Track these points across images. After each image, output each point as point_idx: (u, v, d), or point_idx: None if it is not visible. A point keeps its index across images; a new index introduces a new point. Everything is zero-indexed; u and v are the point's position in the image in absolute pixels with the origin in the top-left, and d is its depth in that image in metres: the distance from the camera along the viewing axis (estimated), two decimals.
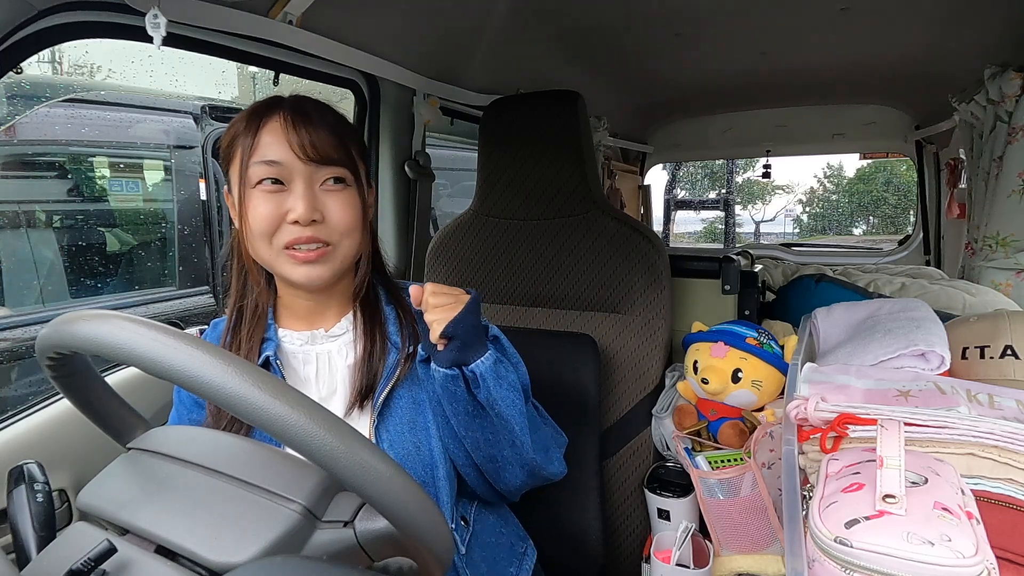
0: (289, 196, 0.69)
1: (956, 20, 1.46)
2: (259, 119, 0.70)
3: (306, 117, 0.70)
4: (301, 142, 0.68)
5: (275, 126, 0.69)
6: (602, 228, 1.18)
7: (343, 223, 0.71)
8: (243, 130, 0.70)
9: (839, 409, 0.60)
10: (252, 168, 0.69)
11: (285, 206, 0.69)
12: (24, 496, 0.52)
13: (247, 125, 0.70)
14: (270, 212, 0.68)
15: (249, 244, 0.72)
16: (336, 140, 0.71)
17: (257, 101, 0.73)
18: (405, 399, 0.75)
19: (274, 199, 0.69)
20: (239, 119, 0.72)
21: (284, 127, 0.69)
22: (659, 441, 1.12)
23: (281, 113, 0.70)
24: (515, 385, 0.71)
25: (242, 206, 0.70)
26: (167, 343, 0.39)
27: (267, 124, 0.69)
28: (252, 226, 0.69)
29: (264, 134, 0.69)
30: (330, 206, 0.70)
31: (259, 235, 0.69)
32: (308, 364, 0.76)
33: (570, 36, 1.61)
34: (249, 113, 0.71)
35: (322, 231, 0.70)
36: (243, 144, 0.70)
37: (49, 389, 1.03)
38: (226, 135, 0.72)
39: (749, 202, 17.96)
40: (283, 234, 0.69)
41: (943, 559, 0.43)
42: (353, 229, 0.73)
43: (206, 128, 2.70)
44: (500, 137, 1.26)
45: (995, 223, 1.45)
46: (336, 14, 1.09)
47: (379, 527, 0.45)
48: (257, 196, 0.69)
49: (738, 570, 0.91)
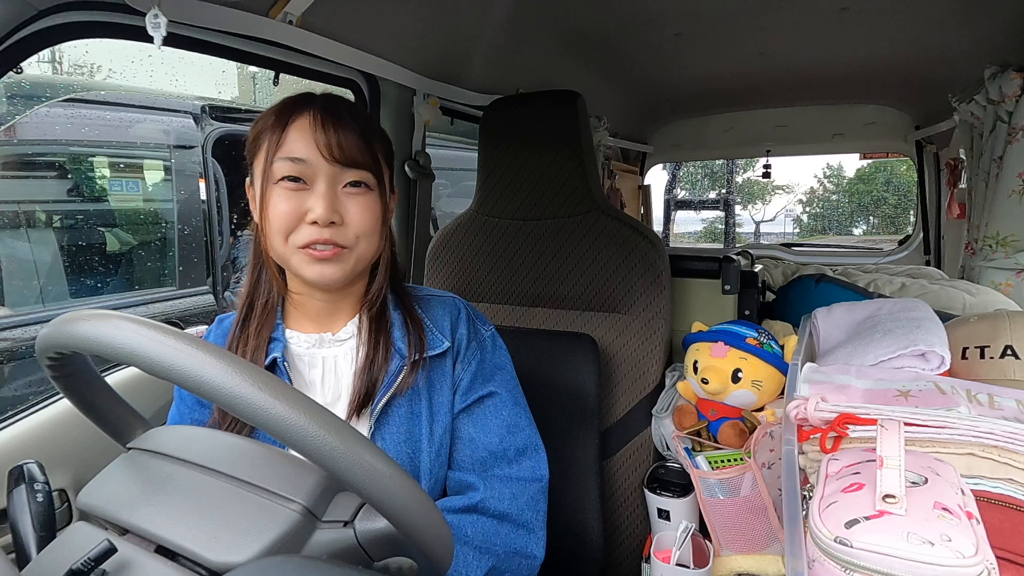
0: (310, 196, 0.68)
1: (956, 20, 1.46)
2: (288, 115, 0.69)
3: (336, 117, 0.69)
4: (328, 142, 0.68)
5: (304, 124, 0.69)
6: (602, 228, 1.18)
7: (361, 227, 0.71)
8: (271, 124, 0.70)
9: (839, 409, 0.60)
10: (276, 163, 0.68)
11: (305, 205, 0.68)
12: (24, 496, 0.52)
13: (276, 120, 0.70)
14: (290, 210, 0.68)
15: (266, 239, 0.71)
16: (363, 143, 0.70)
17: (288, 96, 0.73)
18: (403, 408, 0.74)
19: (295, 197, 0.68)
20: (268, 113, 0.71)
21: (313, 125, 0.68)
22: (659, 441, 1.12)
23: (312, 111, 0.69)
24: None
25: (263, 200, 0.70)
26: (167, 343, 0.39)
27: (296, 121, 0.69)
28: (271, 222, 0.69)
29: (292, 131, 0.69)
30: (350, 209, 0.70)
31: (277, 231, 0.69)
32: (314, 368, 0.76)
33: (570, 36, 1.61)
34: (279, 108, 0.71)
35: (339, 234, 0.69)
36: (270, 139, 0.69)
37: (49, 389, 1.03)
38: (254, 128, 0.72)
39: (749, 202, 17.98)
40: (301, 233, 0.69)
41: (943, 559, 0.43)
42: (371, 233, 0.72)
43: (206, 128, 2.70)
44: (500, 137, 1.26)
45: (995, 223, 1.45)
46: (336, 14, 1.09)
47: (379, 527, 0.45)
48: (278, 192, 0.69)
49: (738, 570, 0.91)
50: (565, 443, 1.07)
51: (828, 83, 2.21)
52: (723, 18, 1.51)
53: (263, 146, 0.70)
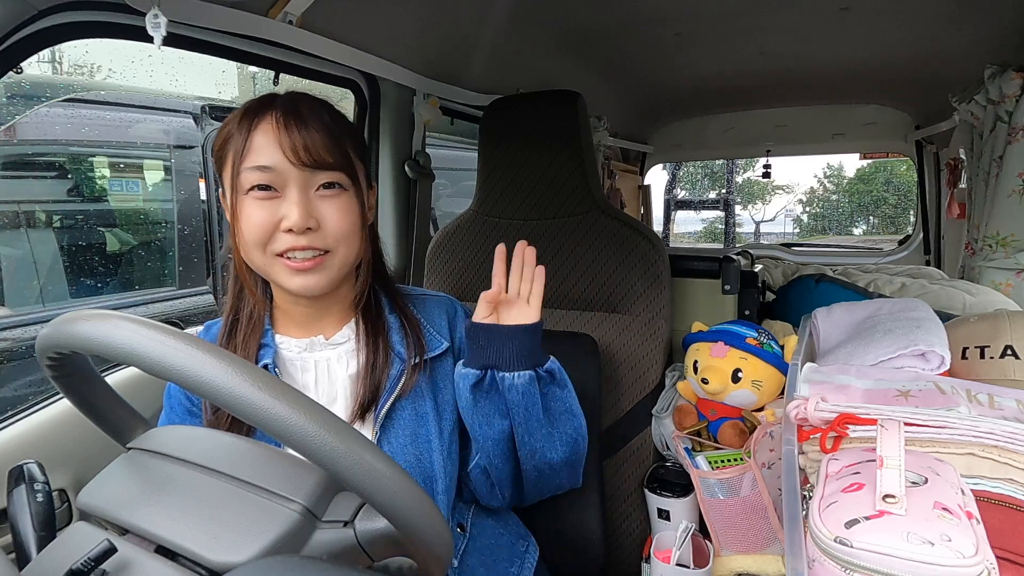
0: (283, 203, 0.66)
1: (956, 20, 1.46)
2: (251, 120, 0.66)
3: (299, 117, 0.66)
4: (294, 145, 0.65)
5: (267, 127, 0.66)
6: (602, 228, 1.18)
7: (340, 230, 0.68)
8: (235, 131, 0.67)
9: (839, 409, 0.60)
10: (244, 173, 0.66)
11: (279, 213, 0.66)
12: (24, 496, 0.52)
13: (239, 126, 0.67)
14: (263, 220, 0.66)
15: (243, 251, 0.69)
16: (331, 142, 0.67)
17: (251, 99, 0.70)
18: (408, 411, 0.74)
19: (267, 206, 0.66)
20: (231, 119, 0.68)
21: (276, 128, 0.65)
22: (659, 441, 1.12)
23: (273, 113, 0.66)
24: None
25: (234, 212, 0.68)
26: (167, 343, 0.39)
27: (259, 125, 0.66)
28: (245, 234, 0.67)
29: (256, 136, 0.66)
30: (326, 212, 0.67)
31: (253, 244, 0.67)
32: (306, 372, 0.75)
33: (570, 36, 1.61)
34: (241, 113, 0.68)
35: (317, 239, 0.67)
36: (235, 147, 0.66)
37: (49, 389, 1.03)
38: (218, 136, 0.69)
39: (749, 202, 17.97)
40: (277, 242, 0.67)
41: (943, 559, 0.43)
42: (351, 235, 0.70)
43: (206, 128, 2.69)
44: (500, 137, 1.26)
45: (995, 223, 1.45)
46: (336, 14, 1.09)
47: (379, 527, 0.45)
48: (250, 203, 0.66)
49: (738, 570, 0.91)
50: None
51: (828, 83, 2.21)
52: (723, 18, 1.51)
53: (229, 155, 0.67)
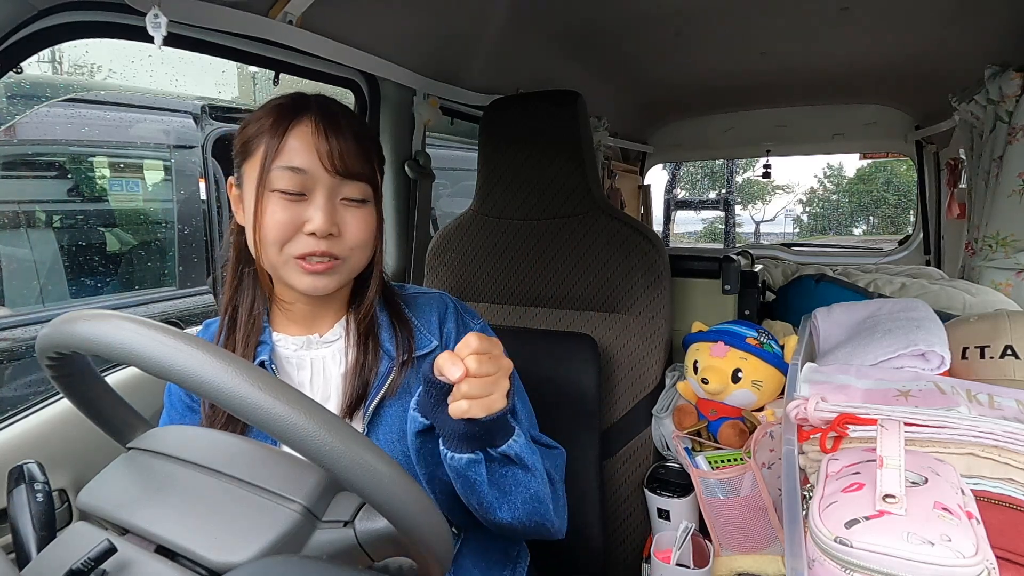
0: (308, 207, 0.67)
1: (956, 20, 1.46)
2: (287, 121, 0.67)
3: (336, 125, 0.68)
4: (330, 152, 0.66)
5: (304, 131, 0.67)
6: (602, 228, 1.18)
7: (358, 239, 0.70)
8: (269, 128, 0.67)
9: (839, 409, 0.60)
10: (274, 172, 0.66)
11: (303, 216, 0.67)
12: (24, 496, 0.52)
13: (274, 124, 0.67)
14: (286, 220, 0.67)
15: (259, 247, 0.69)
16: (363, 154, 0.69)
17: (281, 97, 0.71)
18: (395, 408, 0.74)
19: (292, 207, 0.67)
20: (264, 115, 0.69)
21: (314, 133, 0.67)
22: (659, 441, 1.12)
23: (311, 118, 0.67)
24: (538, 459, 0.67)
25: (257, 207, 0.68)
26: (167, 343, 0.39)
27: (295, 128, 0.67)
28: (265, 232, 0.67)
29: (291, 138, 0.67)
30: (348, 221, 0.69)
31: (272, 241, 0.67)
32: (303, 370, 0.75)
33: (570, 36, 1.61)
34: (277, 112, 0.68)
35: (336, 246, 0.69)
36: (268, 144, 0.67)
37: (49, 389, 1.03)
38: (249, 128, 0.69)
39: (749, 202, 17.96)
40: (297, 244, 0.68)
41: (943, 559, 0.43)
42: (367, 244, 0.72)
43: (206, 128, 2.70)
44: (500, 137, 1.26)
45: (995, 223, 1.45)
46: (336, 14, 1.09)
47: (379, 527, 0.45)
48: (275, 202, 0.67)
49: (738, 570, 0.91)
50: (565, 443, 1.06)
51: (828, 83, 2.21)
52: (723, 18, 1.51)
53: (258, 151, 0.68)
